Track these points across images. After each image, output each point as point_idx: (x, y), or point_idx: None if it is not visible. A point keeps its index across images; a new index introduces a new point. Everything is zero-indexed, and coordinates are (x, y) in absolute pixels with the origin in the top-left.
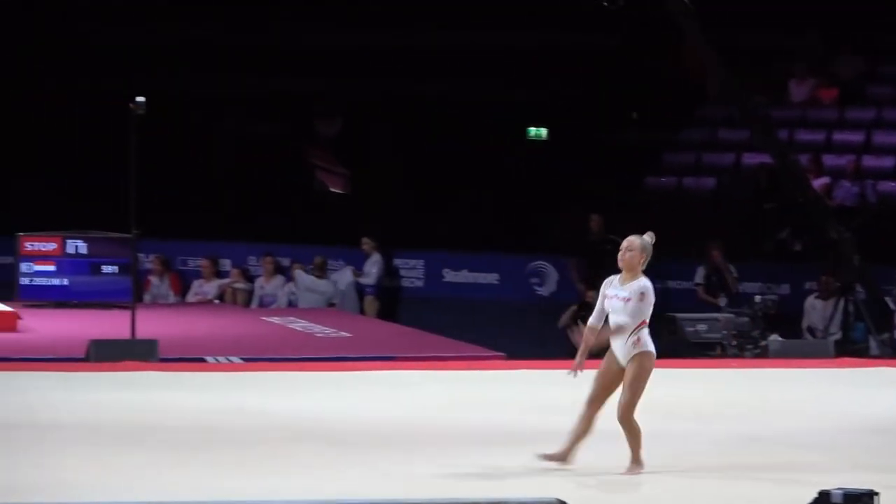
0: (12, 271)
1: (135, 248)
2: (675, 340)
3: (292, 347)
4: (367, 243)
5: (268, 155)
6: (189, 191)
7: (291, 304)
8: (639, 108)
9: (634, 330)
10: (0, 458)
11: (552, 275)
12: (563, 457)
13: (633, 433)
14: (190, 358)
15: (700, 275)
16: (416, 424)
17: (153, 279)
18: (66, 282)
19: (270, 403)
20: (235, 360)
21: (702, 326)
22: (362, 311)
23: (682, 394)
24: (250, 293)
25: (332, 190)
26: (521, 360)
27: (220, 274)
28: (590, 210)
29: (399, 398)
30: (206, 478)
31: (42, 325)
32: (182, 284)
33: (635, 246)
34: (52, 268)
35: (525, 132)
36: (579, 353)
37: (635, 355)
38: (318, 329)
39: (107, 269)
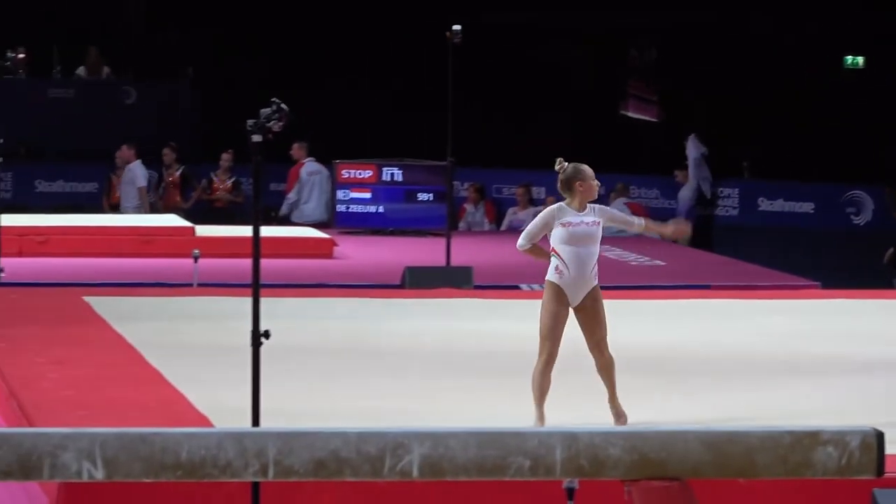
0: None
1: (450, 176)
2: None
3: (606, 275)
4: (679, 174)
5: (582, 83)
6: (504, 119)
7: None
8: None
9: (597, 259)
10: (318, 384)
11: (868, 204)
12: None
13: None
14: (504, 285)
15: None
16: (729, 353)
17: (468, 207)
18: (381, 209)
19: None
20: None
21: None
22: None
23: None
24: None
25: (646, 118)
26: (836, 290)
27: (534, 202)
28: None
29: (713, 327)
30: (522, 404)
31: (357, 252)
32: (497, 212)
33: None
34: (367, 195)
35: (842, 61)
36: (542, 254)
37: (595, 287)
38: (633, 257)
39: (422, 196)
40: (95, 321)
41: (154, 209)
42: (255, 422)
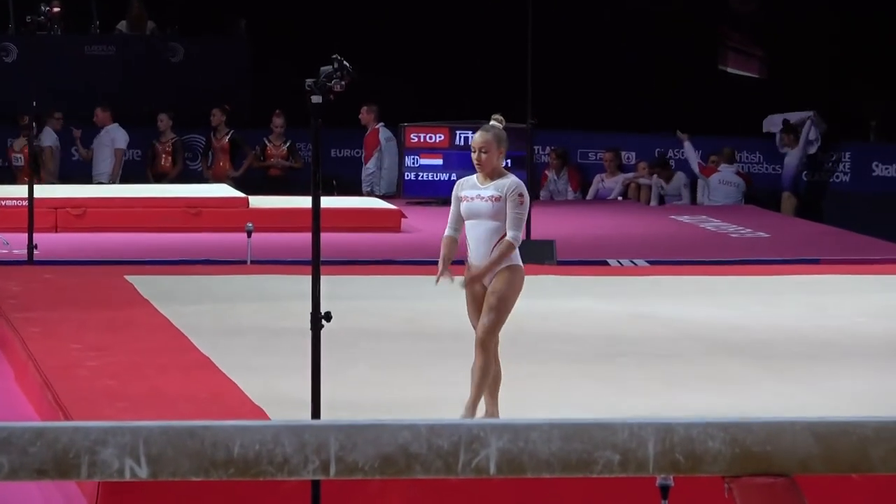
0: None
1: (530, 140)
2: None
3: (704, 249)
4: (784, 137)
5: (675, 36)
6: (589, 76)
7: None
8: None
9: (501, 238)
10: (384, 371)
11: None
12: (492, 411)
13: (486, 366)
14: (591, 261)
15: None
16: (841, 334)
17: (550, 174)
18: (454, 177)
19: (681, 311)
20: (641, 263)
21: None
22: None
23: None
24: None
25: (746, 74)
26: None
27: (623, 168)
28: None
29: (823, 305)
30: (609, 393)
31: (428, 225)
32: (581, 179)
33: (490, 143)
34: (439, 161)
35: None
36: (441, 261)
37: (501, 270)
38: (733, 229)
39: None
40: (138, 303)
41: (202, 179)
42: (316, 413)
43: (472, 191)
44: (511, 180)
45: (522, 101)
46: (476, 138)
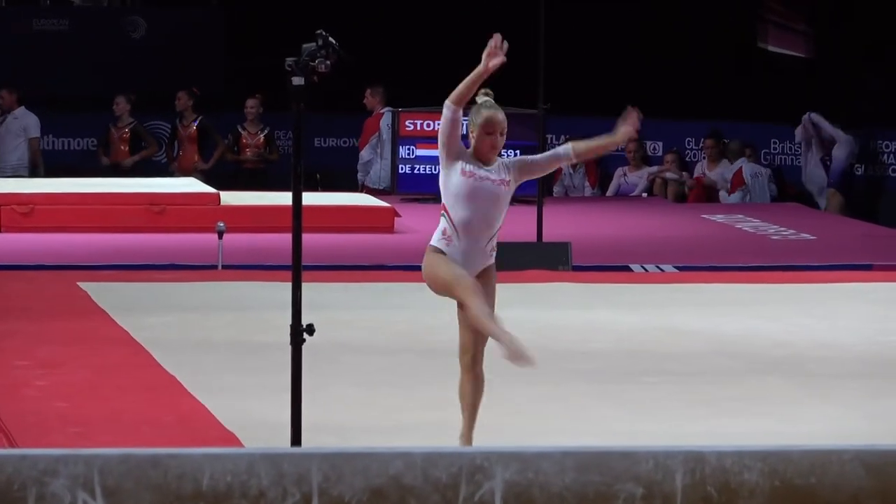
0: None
1: (542, 128)
2: None
3: (741, 253)
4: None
5: (708, 9)
6: (609, 55)
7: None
8: None
9: (498, 231)
10: (374, 391)
11: None
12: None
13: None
14: (611, 266)
15: None
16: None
17: (564, 167)
18: None
19: (714, 324)
20: (668, 268)
21: None
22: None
23: None
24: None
25: (790, 53)
26: None
27: (649, 160)
28: None
29: (876, 316)
30: (632, 417)
31: (424, 225)
32: (600, 173)
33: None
34: (437, 152)
35: None
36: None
37: (489, 267)
38: (774, 230)
39: (506, 153)
40: (94, 313)
41: (167, 172)
42: (296, 440)
43: (477, 168)
44: (506, 160)
45: (533, 84)
46: (499, 118)
